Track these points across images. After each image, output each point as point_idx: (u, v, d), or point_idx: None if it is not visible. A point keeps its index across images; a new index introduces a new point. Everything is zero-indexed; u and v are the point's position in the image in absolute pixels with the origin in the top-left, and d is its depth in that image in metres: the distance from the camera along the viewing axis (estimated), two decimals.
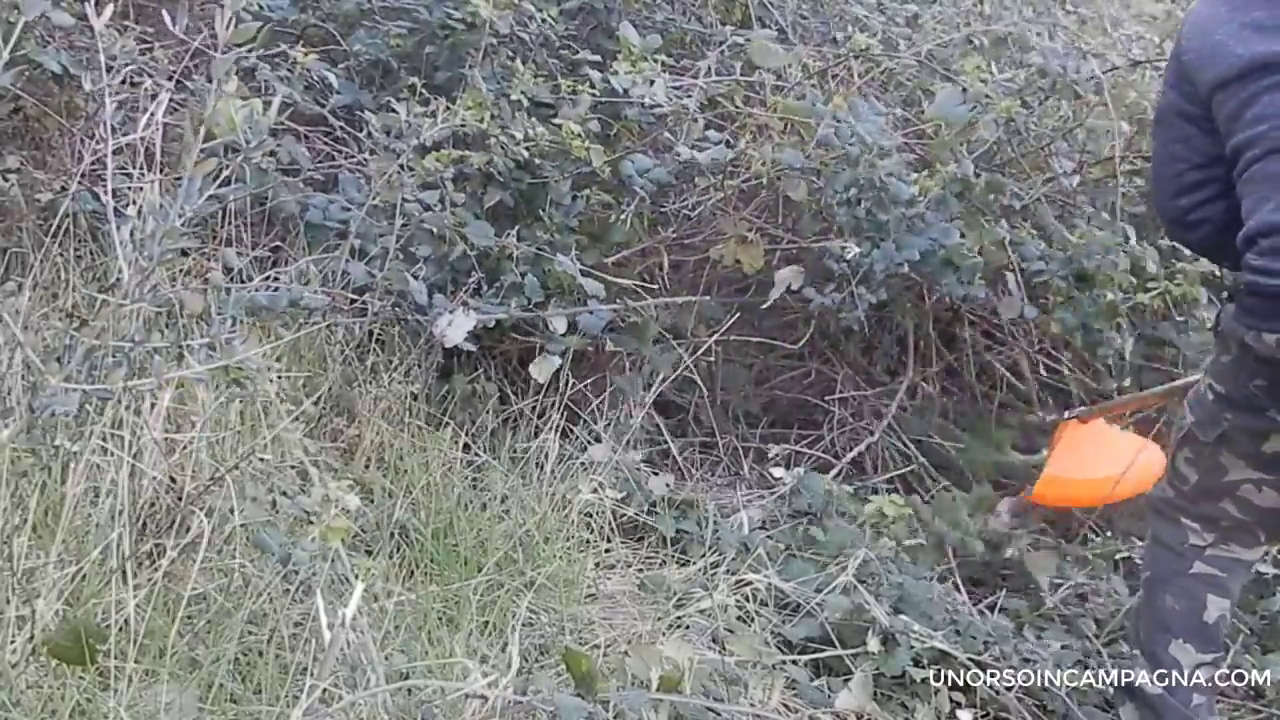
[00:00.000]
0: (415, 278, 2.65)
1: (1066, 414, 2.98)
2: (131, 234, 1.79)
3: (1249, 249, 2.00)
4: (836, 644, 2.38)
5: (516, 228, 2.83)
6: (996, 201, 3.06)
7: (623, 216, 2.93)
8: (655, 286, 3.05)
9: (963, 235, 2.90)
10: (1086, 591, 2.81)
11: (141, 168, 2.06)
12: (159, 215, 1.72)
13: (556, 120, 2.87)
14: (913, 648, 2.37)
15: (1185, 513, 2.30)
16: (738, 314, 3.09)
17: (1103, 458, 2.86)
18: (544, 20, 3.05)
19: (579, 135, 2.82)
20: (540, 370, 2.75)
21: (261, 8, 2.82)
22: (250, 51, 2.32)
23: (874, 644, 2.36)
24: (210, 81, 1.77)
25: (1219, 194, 2.16)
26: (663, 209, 3.13)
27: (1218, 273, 3.03)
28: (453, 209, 2.76)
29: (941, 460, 3.25)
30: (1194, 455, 2.26)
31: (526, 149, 2.81)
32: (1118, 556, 2.92)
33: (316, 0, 3.21)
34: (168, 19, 2.01)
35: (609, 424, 2.85)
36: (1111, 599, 2.75)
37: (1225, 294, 2.17)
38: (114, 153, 1.97)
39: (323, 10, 3.21)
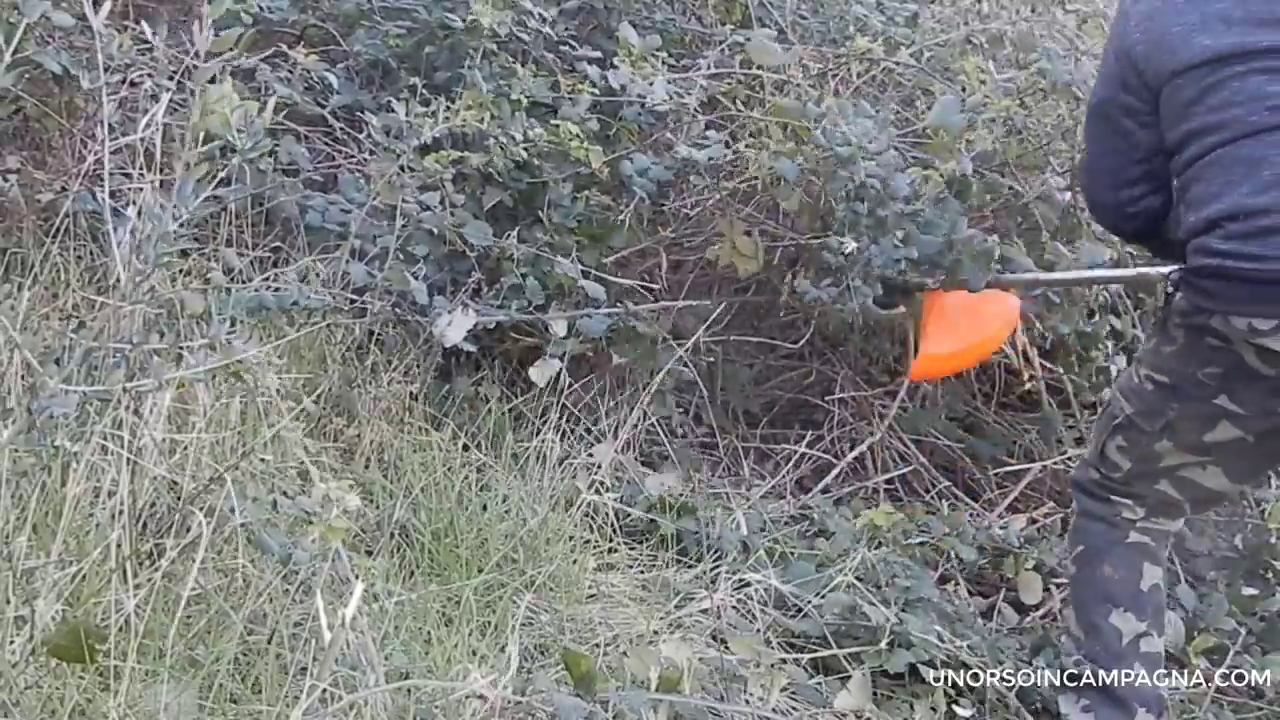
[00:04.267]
0: (415, 278, 2.65)
1: (930, 283, 2.94)
2: (132, 234, 1.79)
3: (1211, 232, 2.01)
4: (833, 644, 2.38)
5: (516, 229, 2.83)
6: (993, 202, 3.07)
7: (621, 218, 2.93)
8: (656, 286, 3.05)
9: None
10: None
11: (141, 168, 2.06)
12: (154, 218, 1.72)
13: (555, 120, 2.87)
14: (913, 646, 2.38)
15: (1115, 491, 2.30)
16: (738, 314, 3.09)
17: (970, 323, 2.87)
18: (544, 19, 3.05)
19: (577, 136, 2.82)
20: (540, 374, 2.75)
21: (261, 9, 2.82)
22: (248, 53, 2.31)
23: (881, 644, 2.36)
24: (204, 84, 1.77)
25: (1158, 187, 2.22)
26: (662, 208, 3.13)
27: None
28: (452, 209, 2.76)
29: (944, 461, 3.26)
30: (1128, 444, 2.25)
31: (525, 149, 2.81)
32: None
33: (316, 0, 3.21)
34: (147, 30, 2.00)
35: (609, 424, 2.85)
36: None
37: (1169, 284, 2.15)
38: (114, 153, 1.97)
39: (322, 10, 3.21)
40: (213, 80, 1.77)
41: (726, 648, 2.33)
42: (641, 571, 2.58)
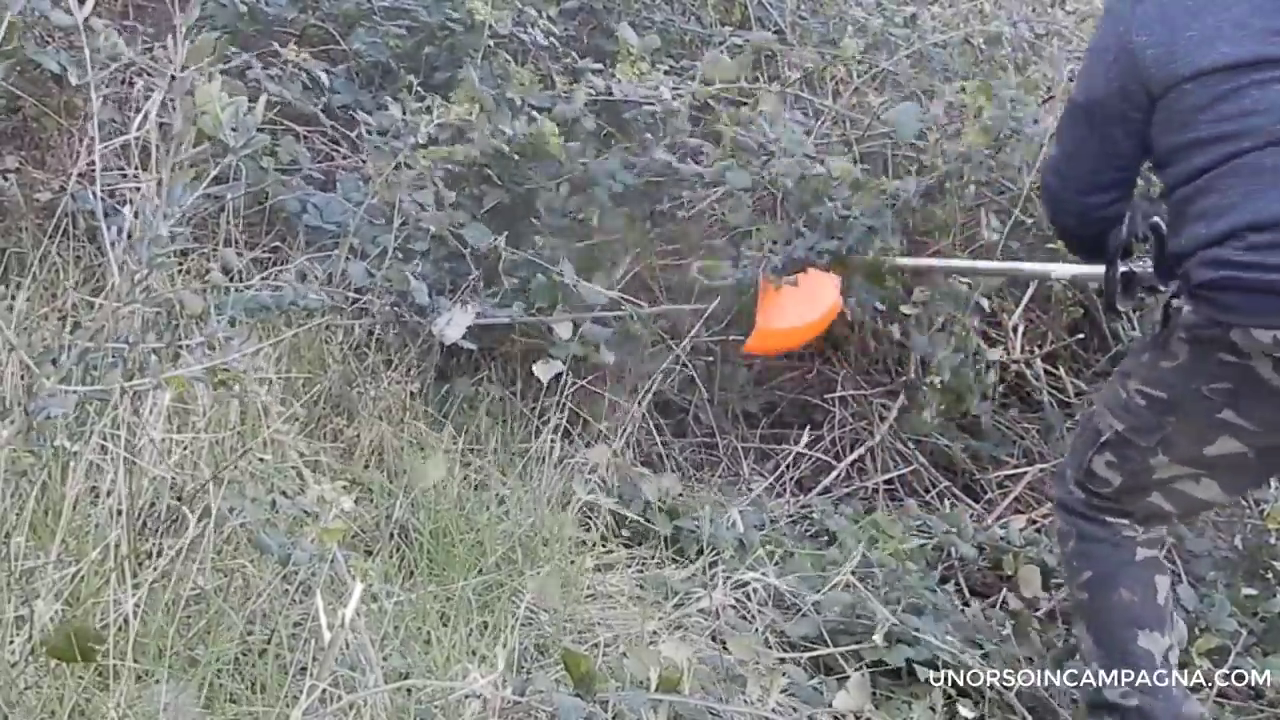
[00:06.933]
0: (414, 277, 2.64)
1: (765, 271, 2.97)
2: (129, 234, 1.79)
3: (1227, 242, 1.98)
4: (831, 644, 2.38)
5: (507, 232, 2.82)
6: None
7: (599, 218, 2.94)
8: (654, 288, 3.06)
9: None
10: None
11: (137, 167, 2.06)
12: (148, 217, 1.72)
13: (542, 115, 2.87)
14: (915, 644, 2.38)
15: (1108, 511, 2.25)
16: (738, 314, 3.09)
17: (803, 302, 2.93)
18: (544, 17, 3.05)
19: (556, 134, 2.82)
20: (544, 370, 2.75)
21: (255, 4, 2.82)
22: (246, 52, 2.31)
23: (877, 637, 2.36)
24: (183, 92, 1.77)
25: (1125, 195, 2.20)
26: (660, 209, 3.13)
27: None
28: (451, 209, 2.76)
29: (944, 461, 3.26)
30: (1119, 459, 2.20)
31: (507, 145, 2.80)
32: None
33: (316, 0, 3.21)
34: (119, 39, 2.00)
35: (609, 425, 2.85)
36: None
37: (1170, 298, 2.11)
38: (112, 153, 1.97)
39: (322, 10, 3.21)
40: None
41: (725, 648, 2.33)
42: (641, 570, 2.57)
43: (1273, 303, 1.95)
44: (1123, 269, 2.23)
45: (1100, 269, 2.27)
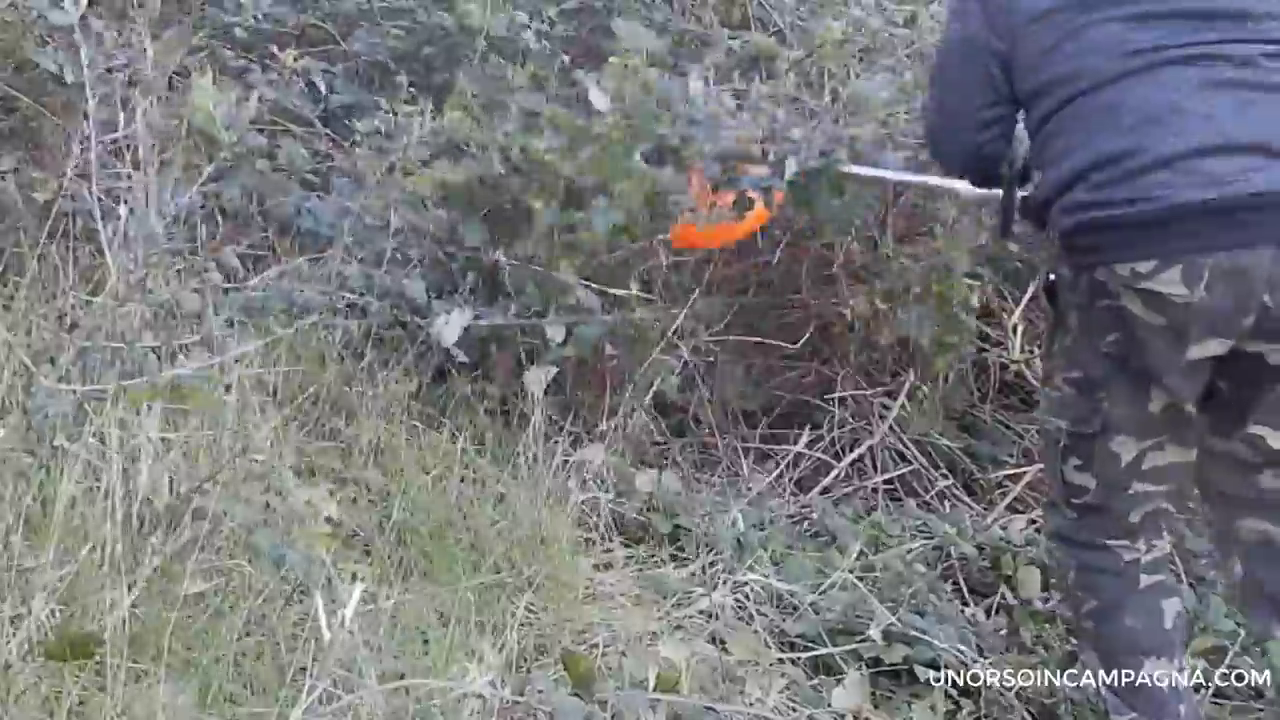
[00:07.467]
0: (410, 278, 2.64)
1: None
2: (126, 235, 1.79)
3: (1075, 186, 1.98)
4: (829, 643, 2.38)
5: (510, 233, 2.82)
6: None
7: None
8: (652, 291, 3.05)
9: None
10: None
11: (131, 167, 2.06)
12: (142, 214, 1.72)
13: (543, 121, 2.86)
14: (914, 644, 2.38)
15: (1103, 531, 2.21)
16: (738, 314, 3.09)
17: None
18: (544, 18, 3.05)
19: (550, 151, 2.81)
20: (534, 380, 2.74)
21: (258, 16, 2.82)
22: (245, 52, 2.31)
23: (874, 634, 2.36)
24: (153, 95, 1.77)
25: (1006, 131, 2.18)
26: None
27: None
28: (445, 212, 2.75)
29: (944, 461, 3.26)
30: (1084, 460, 2.16)
31: (509, 157, 2.80)
32: None
33: (316, 0, 3.21)
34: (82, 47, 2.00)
35: (608, 424, 2.84)
36: None
37: (1047, 273, 2.12)
38: (110, 153, 1.97)
39: (322, 10, 3.21)
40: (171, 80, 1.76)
41: (725, 648, 2.32)
42: (640, 570, 2.57)
43: (1121, 236, 1.94)
44: (1020, 194, 2.23)
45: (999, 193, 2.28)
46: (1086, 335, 2.08)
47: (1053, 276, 2.13)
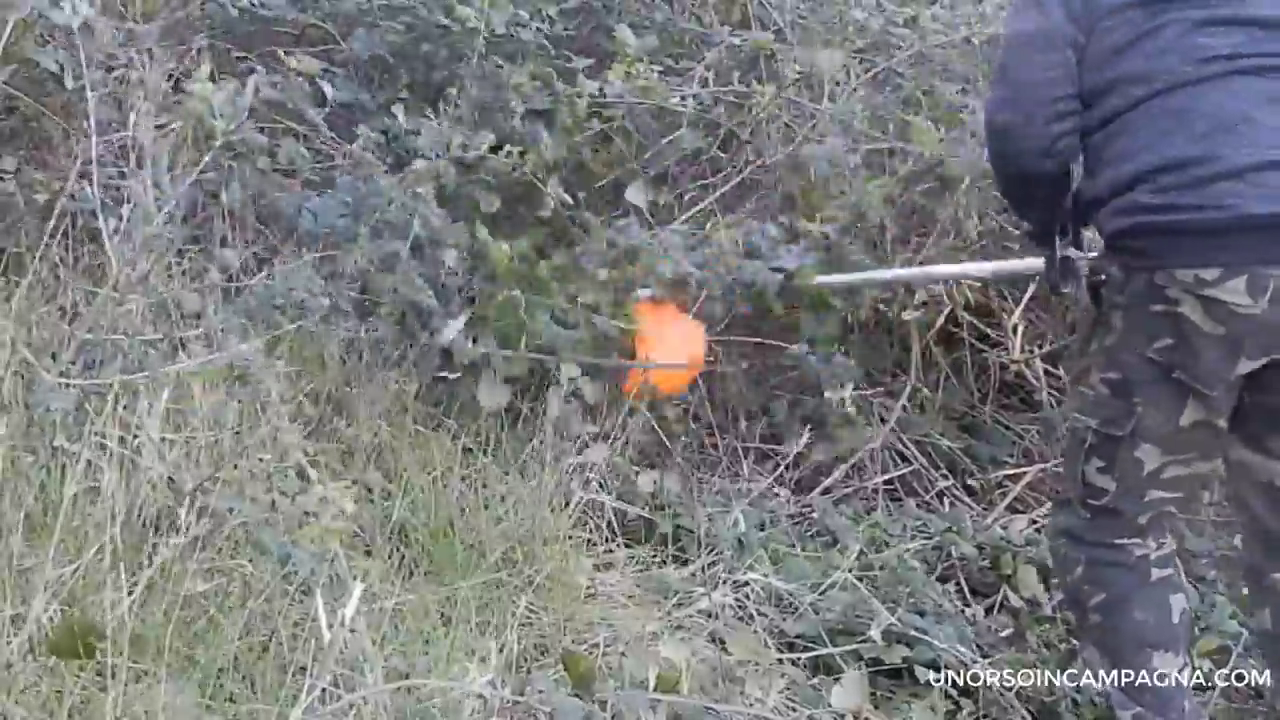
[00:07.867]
0: (416, 280, 2.64)
1: (641, 293, 2.92)
2: (127, 233, 1.79)
3: (1137, 187, 1.97)
4: (829, 643, 2.38)
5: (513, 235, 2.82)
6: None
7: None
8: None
9: None
10: None
11: (132, 164, 2.06)
12: (144, 207, 1.72)
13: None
14: (914, 644, 2.38)
15: (1116, 532, 2.21)
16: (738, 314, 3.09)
17: (679, 342, 2.89)
18: (544, 17, 3.05)
19: (544, 168, 2.82)
20: (488, 398, 2.72)
21: (256, 4, 2.82)
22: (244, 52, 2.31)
23: (874, 633, 2.36)
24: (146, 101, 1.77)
25: (1077, 126, 2.11)
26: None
27: None
28: (450, 216, 2.76)
29: (944, 461, 3.25)
30: (1106, 461, 2.15)
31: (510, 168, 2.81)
32: None
33: (316, 0, 3.21)
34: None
35: (609, 424, 2.84)
36: None
37: (1089, 272, 2.09)
38: (111, 152, 1.97)
39: (322, 10, 3.21)
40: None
41: (725, 648, 2.32)
42: (640, 570, 2.57)
43: (1187, 243, 1.94)
44: (1060, 254, 2.20)
45: (1015, 264, 2.25)
46: (1131, 337, 2.05)
47: (1096, 274, 2.10)
